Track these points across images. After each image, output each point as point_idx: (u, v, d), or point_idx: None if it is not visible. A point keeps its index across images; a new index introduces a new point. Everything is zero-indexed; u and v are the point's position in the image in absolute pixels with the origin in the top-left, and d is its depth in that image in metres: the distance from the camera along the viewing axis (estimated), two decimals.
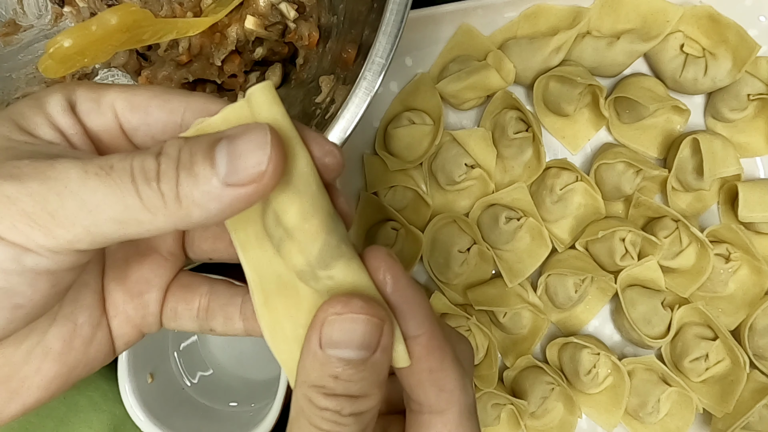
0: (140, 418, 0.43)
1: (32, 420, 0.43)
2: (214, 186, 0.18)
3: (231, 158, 0.18)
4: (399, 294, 0.20)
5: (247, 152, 0.18)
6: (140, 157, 0.18)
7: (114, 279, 0.23)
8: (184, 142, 0.18)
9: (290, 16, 0.42)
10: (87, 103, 0.21)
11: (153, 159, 0.18)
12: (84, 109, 0.22)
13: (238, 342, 0.52)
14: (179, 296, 0.24)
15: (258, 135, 0.18)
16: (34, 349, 0.21)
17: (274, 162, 0.18)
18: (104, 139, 0.22)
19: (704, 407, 0.47)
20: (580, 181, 0.47)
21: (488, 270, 0.49)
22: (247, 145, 0.18)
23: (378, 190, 0.49)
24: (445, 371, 0.21)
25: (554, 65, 0.47)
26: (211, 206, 0.18)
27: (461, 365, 0.21)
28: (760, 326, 0.46)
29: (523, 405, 0.46)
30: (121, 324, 0.23)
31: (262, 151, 0.18)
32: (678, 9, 0.45)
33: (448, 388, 0.21)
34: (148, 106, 0.22)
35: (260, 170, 0.18)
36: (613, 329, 0.50)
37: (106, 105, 0.22)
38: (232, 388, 0.50)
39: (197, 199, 0.18)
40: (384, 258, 0.20)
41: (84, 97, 0.22)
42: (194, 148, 0.18)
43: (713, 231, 0.46)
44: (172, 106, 0.22)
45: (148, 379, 0.45)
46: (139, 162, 0.18)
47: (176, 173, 0.18)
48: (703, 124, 0.49)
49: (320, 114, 0.38)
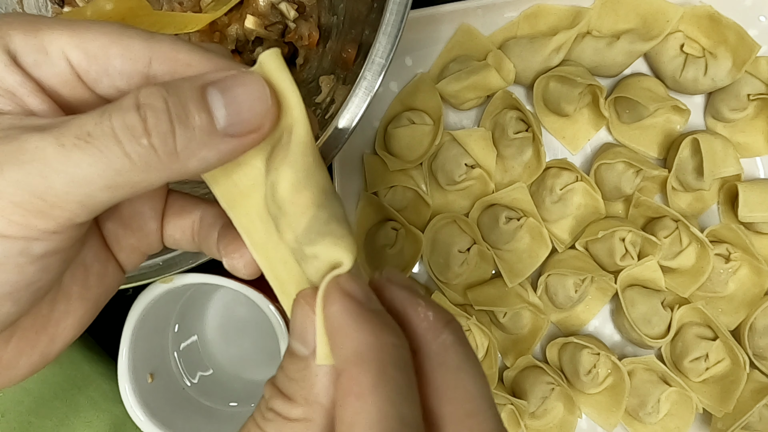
0: (140, 418, 0.43)
1: (32, 420, 0.43)
2: (214, 136, 0.18)
3: (230, 108, 0.18)
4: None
5: (247, 103, 0.18)
6: (118, 114, 0.17)
7: (110, 220, 0.23)
8: (166, 91, 0.17)
9: (290, 16, 0.42)
10: (32, 54, 0.19)
11: (135, 113, 0.17)
12: (30, 62, 0.19)
13: (238, 342, 0.52)
14: (174, 222, 0.24)
15: (258, 86, 0.18)
16: (56, 297, 0.21)
17: (272, 114, 0.18)
18: (63, 92, 0.19)
19: (704, 407, 0.47)
20: (580, 181, 0.47)
21: (488, 270, 0.49)
22: (248, 96, 0.18)
23: (378, 190, 0.49)
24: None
25: (554, 65, 0.47)
26: (209, 156, 0.18)
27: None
28: (760, 326, 0.46)
29: (523, 405, 0.46)
30: (128, 255, 0.24)
31: (263, 103, 0.18)
32: (678, 9, 0.45)
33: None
34: (107, 55, 0.19)
35: (260, 122, 0.18)
36: (613, 329, 0.50)
37: (55, 54, 0.19)
38: (232, 388, 0.50)
39: (195, 150, 0.17)
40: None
41: (25, 46, 0.18)
42: (183, 97, 0.17)
43: (713, 231, 0.46)
44: (134, 54, 0.19)
45: (148, 379, 0.45)
46: (119, 121, 0.17)
47: (171, 126, 0.17)
48: (703, 124, 0.49)
49: (320, 114, 0.38)
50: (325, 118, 0.36)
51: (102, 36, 0.19)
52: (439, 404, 0.17)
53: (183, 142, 0.17)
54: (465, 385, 0.18)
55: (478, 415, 0.17)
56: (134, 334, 0.43)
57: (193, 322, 0.51)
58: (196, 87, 0.18)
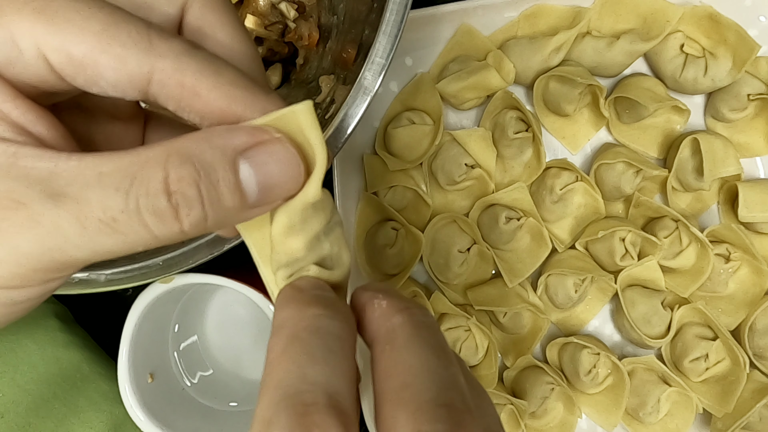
0: (140, 418, 0.43)
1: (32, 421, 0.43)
2: (244, 211, 0.17)
3: (262, 184, 0.17)
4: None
5: (279, 177, 0.17)
6: (147, 200, 0.16)
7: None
8: (197, 171, 0.16)
9: (290, 16, 0.42)
10: (1, 52, 0.16)
11: (166, 201, 0.16)
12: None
13: (238, 342, 0.52)
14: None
15: (290, 158, 0.17)
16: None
17: (301, 180, 0.18)
18: (45, 88, 0.17)
19: (704, 407, 0.47)
20: (580, 181, 0.47)
21: (488, 270, 0.49)
22: (280, 170, 0.17)
23: (378, 190, 0.49)
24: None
25: (554, 65, 0.47)
26: (232, 224, 0.18)
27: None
28: (760, 326, 0.46)
29: (523, 405, 0.46)
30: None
31: (294, 176, 0.18)
32: (678, 9, 0.45)
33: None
34: (96, 65, 0.16)
35: (289, 191, 0.18)
36: (613, 329, 0.50)
37: (29, 52, 0.16)
38: (232, 388, 0.50)
39: (223, 224, 0.17)
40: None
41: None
42: (214, 177, 0.16)
43: (713, 231, 0.46)
44: (129, 70, 0.16)
45: (148, 379, 0.45)
46: (148, 207, 0.16)
47: (203, 212, 0.16)
48: (703, 124, 0.49)
49: (320, 114, 0.38)
50: (325, 118, 0.36)
51: (88, 36, 0.16)
52: (379, 382, 0.17)
53: (213, 221, 0.17)
54: (406, 360, 0.17)
55: (413, 385, 0.17)
56: (134, 334, 0.43)
57: (193, 322, 0.51)
58: (228, 161, 0.16)
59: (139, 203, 0.16)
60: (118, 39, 0.16)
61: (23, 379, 0.44)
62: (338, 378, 0.16)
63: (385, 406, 0.17)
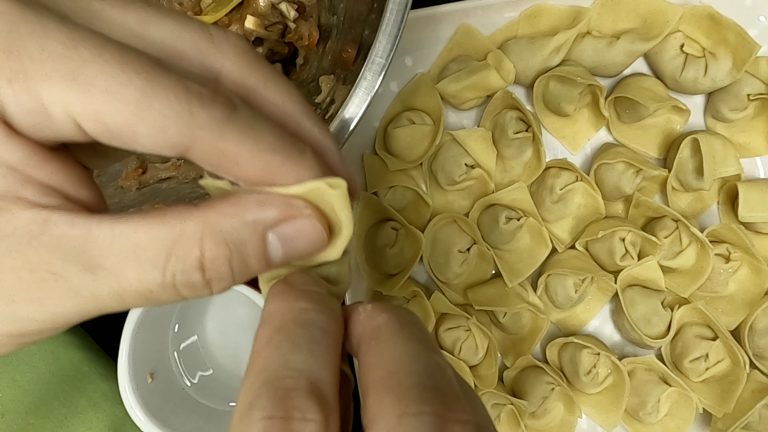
0: (140, 418, 0.43)
1: (32, 421, 0.43)
2: (264, 270, 0.18)
3: (287, 255, 0.18)
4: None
5: (305, 253, 0.18)
6: (182, 275, 0.16)
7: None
8: (230, 249, 0.17)
9: (290, 16, 0.42)
10: (28, 117, 0.15)
11: (200, 276, 0.17)
12: (27, 124, 0.15)
13: (238, 342, 0.52)
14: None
15: (316, 235, 0.18)
16: None
17: (324, 248, 0.19)
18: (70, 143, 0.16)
19: (704, 407, 0.47)
20: (580, 181, 0.47)
21: (488, 270, 0.49)
22: (307, 249, 0.18)
23: (378, 190, 0.49)
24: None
25: (554, 65, 0.47)
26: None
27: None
28: (760, 326, 0.46)
29: (523, 405, 0.46)
30: None
31: (318, 250, 0.19)
32: (678, 9, 0.45)
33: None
34: (134, 134, 0.15)
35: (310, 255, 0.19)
36: (613, 329, 0.50)
37: (60, 117, 0.15)
38: (232, 388, 0.50)
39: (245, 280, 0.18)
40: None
41: (16, 105, 0.15)
42: (245, 254, 0.17)
43: (713, 231, 0.46)
44: (169, 140, 0.15)
45: (148, 379, 0.45)
46: (183, 280, 0.16)
47: (232, 281, 0.17)
48: (703, 124, 0.49)
49: (320, 114, 0.38)
50: (325, 118, 0.36)
51: (125, 106, 0.15)
52: (365, 375, 0.17)
53: (239, 281, 0.18)
54: (392, 351, 0.17)
55: (399, 372, 0.17)
56: (134, 334, 0.43)
57: (193, 322, 0.51)
58: (259, 236, 0.17)
59: (175, 278, 0.16)
60: (157, 109, 0.15)
61: (23, 379, 0.44)
62: (321, 367, 0.17)
63: (370, 396, 0.17)
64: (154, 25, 0.17)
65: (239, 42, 0.18)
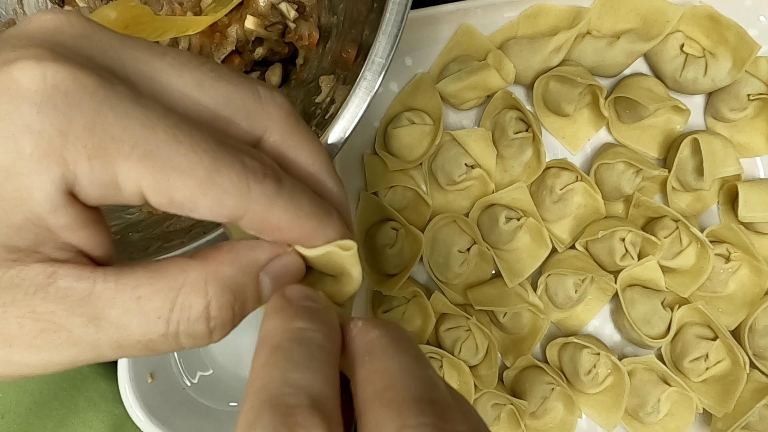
0: (140, 418, 0.43)
1: (32, 421, 0.43)
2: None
3: (274, 290, 0.19)
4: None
5: (288, 284, 0.20)
6: (187, 325, 0.17)
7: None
8: (233, 296, 0.18)
9: (290, 16, 0.42)
10: (99, 189, 0.16)
11: (205, 326, 0.18)
12: (92, 196, 0.16)
13: (238, 342, 0.52)
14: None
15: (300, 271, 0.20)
16: None
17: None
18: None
19: (704, 407, 0.47)
20: (580, 181, 0.47)
21: (488, 270, 0.49)
22: (292, 279, 0.20)
23: (378, 190, 0.49)
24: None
25: (554, 65, 0.47)
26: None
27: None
28: (760, 326, 0.46)
29: (523, 405, 0.46)
30: None
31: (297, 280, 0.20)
32: (678, 9, 0.45)
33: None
34: (195, 205, 0.17)
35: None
36: (613, 329, 0.50)
37: (130, 192, 0.16)
38: (232, 388, 0.50)
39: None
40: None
41: (91, 180, 0.15)
42: (245, 299, 0.19)
43: (713, 231, 0.46)
44: (226, 211, 0.17)
45: (148, 379, 0.45)
46: (187, 330, 0.17)
47: (233, 326, 0.19)
48: (703, 124, 0.49)
49: (320, 114, 0.38)
50: (325, 118, 0.36)
51: (191, 182, 0.16)
52: (360, 390, 0.18)
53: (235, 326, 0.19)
54: (386, 365, 0.18)
55: (396, 386, 0.17)
56: None
57: None
58: (254, 278, 0.19)
59: (179, 329, 0.17)
60: (220, 185, 0.17)
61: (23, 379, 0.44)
62: (321, 382, 0.17)
63: (367, 410, 0.17)
64: (208, 88, 0.18)
65: (285, 104, 0.20)
